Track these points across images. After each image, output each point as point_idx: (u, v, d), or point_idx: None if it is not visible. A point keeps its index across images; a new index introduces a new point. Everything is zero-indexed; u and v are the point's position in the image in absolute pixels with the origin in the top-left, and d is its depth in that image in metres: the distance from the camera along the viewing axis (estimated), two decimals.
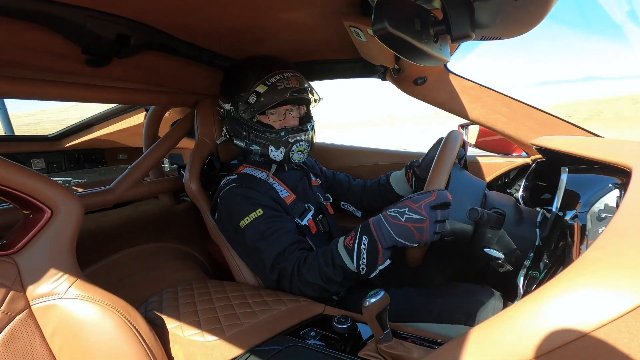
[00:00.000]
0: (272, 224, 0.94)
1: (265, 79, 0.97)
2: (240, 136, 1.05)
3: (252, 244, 0.94)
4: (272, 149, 1.02)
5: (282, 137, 1.01)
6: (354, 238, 0.81)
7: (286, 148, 1.02)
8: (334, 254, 0.83)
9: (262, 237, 0.93)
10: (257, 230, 0.94)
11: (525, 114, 1.10)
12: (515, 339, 0.30)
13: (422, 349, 0.68)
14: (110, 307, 0.63)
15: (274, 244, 0.92)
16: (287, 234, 0.94)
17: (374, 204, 1.22)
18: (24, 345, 0.56)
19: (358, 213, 1.26)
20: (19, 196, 0.58)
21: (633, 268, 0.28)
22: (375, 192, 1.22)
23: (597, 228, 0.48)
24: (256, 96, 0.97)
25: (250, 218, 0.94)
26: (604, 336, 0.26)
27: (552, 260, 0.63)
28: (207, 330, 0.75)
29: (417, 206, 0.74)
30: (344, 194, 1.27)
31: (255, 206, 0.96)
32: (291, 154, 1.03)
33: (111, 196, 1.15)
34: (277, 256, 0.91)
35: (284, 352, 0.68)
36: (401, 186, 1.16)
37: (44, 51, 0.77)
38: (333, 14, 0.80)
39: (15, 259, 0.58)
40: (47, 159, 1.92)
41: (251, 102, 0.98)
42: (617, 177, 0.60)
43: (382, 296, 0.64)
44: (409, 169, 1.14)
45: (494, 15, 0.54)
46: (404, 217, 0.75)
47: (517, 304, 0.32)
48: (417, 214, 0.73)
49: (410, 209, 0.74)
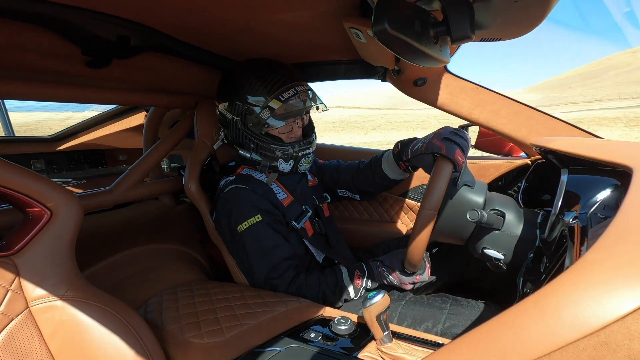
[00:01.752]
0: (270, 235, 0.96)
1: (278, 95, 0.96)
2: (246, 147, 1.04)
3: (248, 252, 0.95)
4: (281, 162, 1.03)
5: (293, 152, 1.02)
6: (361, 280, 0.99)
7: (295, 161, 1.04)
8: (343, 289, 0.96)
9: (258, 247, 0.95)
10: (254, 238, 0.95)
11: (524, 114, 1.11)
12: (514, 341, 0.30)
13: (421, 351, 0.68)
14: (110, 308, 0.63)
15: (268, 257, 0.94)
16: (282, 248, 0.96)
17: (369, 188, 1.19)
18: (23, 346, 0.56)
19: (357, 197, 1.24)
20: (18, 197, 0.58)
21: (634, 269, 0.28)
22: (368, 177, 1.17)
23: (598, 229, 0.48)
24: (269, 112, 0.96)
25: (249, 223, 0.95)
26: (604, 338, 0.26)
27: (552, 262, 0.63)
28: (206, 332, 0.75)
29: (403, 284, 0.99)
30: (336, 180, 1.24)
31: (254, 210, 0.96)
32: (299, 166, 1.05)
33: (111, 197, 1.15)
34: (271, 272, 0.94)
35: (284, 353, 0.68)
36: (393, 170, 1.12)
37: (45, 52, 0.77)
38: (333, 16, 0.80)
39: (15, 260, 0.58)
40: (47, 160, 1.92)
41: (264, 117, 0.96)
42: (617, 178, 0.60)
43: (382, 297, 0.64)
44: (400, 161, 1.09)
45: (494, 16, 0.54)
46: (395, 281, 0.99)
47: (517, 306, 0.32)
48: (401, 286, 1.00)
49: (397, 282, 0.99)
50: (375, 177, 1.15)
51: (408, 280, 0.97)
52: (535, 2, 0.49)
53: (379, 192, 1.25)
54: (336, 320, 0.75)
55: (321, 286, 0.94)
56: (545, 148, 0.84)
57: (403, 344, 0.70)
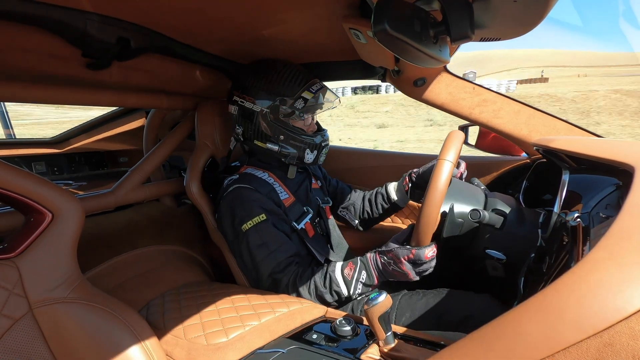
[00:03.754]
0: (275, 234, 0.96)
1: (309, 86, 1.02)
2: (275, 139, 1.05)
3: (252, 250, 0.96)
4: (307, 152, 1.06)
5: (317, 142, 1.06)
6: (353, 270, 0.90)
7: (318, 151, 1.08)
8: (332, 279, 0.90)
9: (263, 246, 0.95)
10: (259, 237, 0.95)
11: (525, 114, 1.10)
12: (517, 342, 0.29)
13: (424, 351, 0.68)
14: (112, 310, 0.63)
15: (273, 255, 0.94)
16: (286, 246, 0.96)
17: (373, 214, 1.25)
18: (26, 348, 0.56)
19: (354, 222, 1.29)
20: (20, 200, 0.58)
21: (637, 269, 0.27)
22: (373, 202, 1.24)
23: (600, 229, 0.48)
24: (303, 102, 1.02)
25: (253, 222, 0.95)
26: (608, 339, 0.26)
27: (554, 262, 0.63)
28: (209, 333, 0.75)
29: (399, 262, 0.84)
30: (345, 203, 1.30)
31: (258, 210, 0.97)
32: (320, 157, 1.09)
33: (112, 199, 1.15)
34: (275, 267, 0.94)
35: (286, 355, 0.68)
36: (399, 193, 1.19)
37: (45, 55, 0.77)
38: (333, 16, 0.80)
39: (17, 263, 0.58)
40: (48, 162, 1.92)
41: (298, 107, 1.01)
42: (619, 178, 0.59)
43: (385, 298, 0.64)
44: (407, 176, 1.16)
45: (494, 16, 0.54)
46: (390, 267, 0.86)
47: (520, 306, 0.32)
48: (400, 269, 0.85)
49: (395, 262, 0.85)
50: (380, 201, 1.21)
51: (404, 256, 0.83)
52: (534, 1, 0.49)
53: (377, 221, 1.29)
54: (338, 322, 0.75)
55: (313, 277, 0.92)
56: (546, 147, 0.84)
57: (406, 345, 0.70)
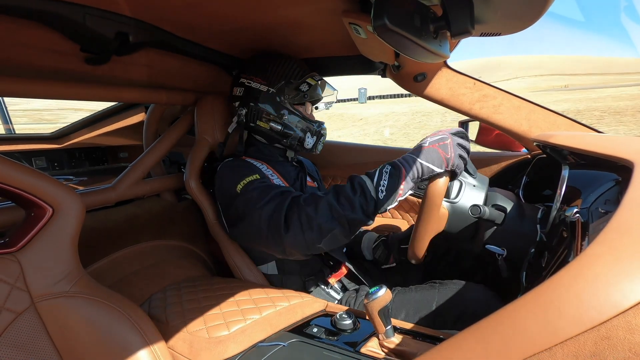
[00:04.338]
0: (269, 187, 0.89)
1: (312, 75, 1.08)
2: (278, 119, 1.07)
3: (249, 204, 0.88)
4: (309, 136, 1.10)
5: (317, 128, 1.11)
6: (375, 169, 0.78)
7: (317, 138, 1.11)
8: (354, 180, 0.78)
9: (261, 194, 0.87)
10: (255, 190, 0.89)
11: (525, 109, 1.10)
12: (517, 335, 0.30)
13: (423, 345, 0.69)
14: (114, 304, 0.63)
15: (274, 199, 0.85)
16: (287, 189, 0.90)
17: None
18: (29, 342, 0.56)
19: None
20: (20, 194, 0.58)
21: (635, 263, 0.28)
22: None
23: (599, 224, 0.48)
24: (308, 86, 1.07)
25: (247, 180, 0.92)
26: (605, 332, 0.26)
27: (553, 257, 0.63)
28: (210, 327, 0.75)
29: (435, 133, 0.78)
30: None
31: (252, 172, 0.95)
32: (318, 145, 1.12)
33: (112, 194, 1.15)
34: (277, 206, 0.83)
35: (287, 348, 0.69)
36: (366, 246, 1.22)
37: (43, 49, 0.77)
38: (332, 11, 0.80)
39: (18, 257, 0.58)
40: (48, 157, 1.92)
41: (303, 89, 1.07)
42: (618, 173, 0.60)
43: (384, 292, 0.64)
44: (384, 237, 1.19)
45: (494, 11, 0.54)
46: (426, 142, 0.77)
47: (519, 300, 0.32)
48: (438, 136, 0.77)
49: (430, 136, 0.78)
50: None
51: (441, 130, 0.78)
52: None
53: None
54: (339, 315, 0.76)
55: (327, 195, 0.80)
56: (546, 143, 0.84)
57: (405, 338, 0.70)
